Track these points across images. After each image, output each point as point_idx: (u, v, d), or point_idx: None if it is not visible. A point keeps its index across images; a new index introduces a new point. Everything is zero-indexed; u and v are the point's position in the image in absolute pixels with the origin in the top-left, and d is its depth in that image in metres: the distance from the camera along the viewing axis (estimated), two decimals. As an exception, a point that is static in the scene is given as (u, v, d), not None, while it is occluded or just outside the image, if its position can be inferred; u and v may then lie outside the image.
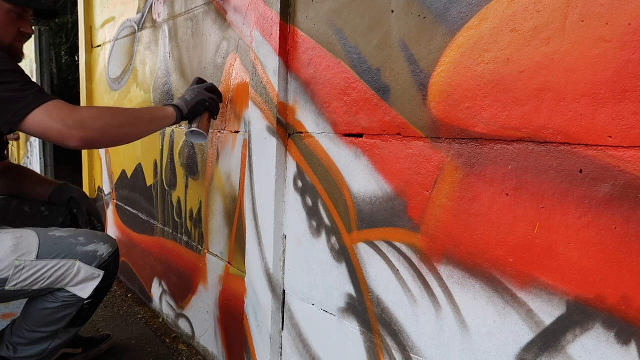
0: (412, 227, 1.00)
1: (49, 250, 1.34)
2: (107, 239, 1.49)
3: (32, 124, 1.20)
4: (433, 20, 0.92)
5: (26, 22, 1.41)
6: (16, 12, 1.36)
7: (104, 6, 2.71)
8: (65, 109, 1.22)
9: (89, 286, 1.40)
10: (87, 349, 1.86)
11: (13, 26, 1.37)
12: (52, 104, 1.21)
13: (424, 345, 1.00)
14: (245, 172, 1.46)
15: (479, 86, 0.86)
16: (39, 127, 1.20)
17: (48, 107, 1.20)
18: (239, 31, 1.53)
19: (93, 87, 2.96)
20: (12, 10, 1.35)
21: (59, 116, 1.20)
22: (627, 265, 0.69)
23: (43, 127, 1.20)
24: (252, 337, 1.46)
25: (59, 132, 1.20)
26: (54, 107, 1.21)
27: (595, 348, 0.73)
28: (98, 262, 1.41)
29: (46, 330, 1.41)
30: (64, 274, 1.35)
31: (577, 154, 0.74)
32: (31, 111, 1.19)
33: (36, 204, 1.69)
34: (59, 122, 1.19)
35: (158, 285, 2.22)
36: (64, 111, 1.21)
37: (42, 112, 1.19)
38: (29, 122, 1.19)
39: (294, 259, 1.34)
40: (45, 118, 1.19)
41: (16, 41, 1.40)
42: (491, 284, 0.86)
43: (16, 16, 1.37)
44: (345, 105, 1.13)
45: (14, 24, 1.37)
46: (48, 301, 1.38)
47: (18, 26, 1.38)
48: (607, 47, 0.69)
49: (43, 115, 1.19)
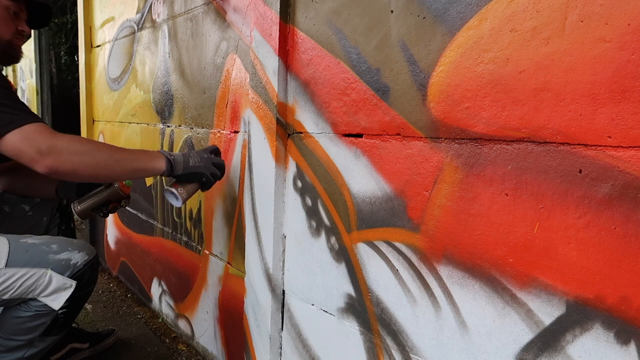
0: (411, 227, 1.00)
1: (19, 258, 1.29)
2: (83, 246, 1.43)
3: (6, 145, 1.15)
4: (432, 20, 0.92)
5: (22, 22, 1.41)
6: (14, 9, 1.36)
7: (104, 6, 2.71)
8: (43, 134, 1.17)
9: (61, 296, 1.34)
10: (94, 344, 1.87)
11: (12, 23, 1.36)
12: (32, 127, 1.16)
13: (423, 345, 1.00)
14: (245, 172, 1.46)
15: (479, 86, 0.86)
16: (12, 148, 1.16)
17: (27, 129, 1.16)
18: (238, 31, 1.53)
19: (92, 87, 2.96)
20: (9, 7, 1.34)
21: (34, 141, 1.15)
22: (626, 265, 0.69)
23: (17, 148, 1.15)
24: (252, 337, 1.46)
25: (30, 157, 1.15)
26: (33, 130, 1.16)
27: (594, 348, 0.73)
28: (71, 271, 1.35)
29: (21, 339, 1.37)
30: (34, 283, 1.30)
31: (576, 154, 0.74)
32: (8, 132, 1.14)
33: (19, 202, 1.65)
34: (32, 147, 1.14)
35: (157, 285, 2.22)
36: (42, 136, 1.16)
37: (19, 134, 1.15)
38: (4, 142, 1.15)
39: (293, 259, 1.34)
40: (21, 140, 1.15)
41: (15, 38, 1.39)
42: (491, 284, 0.86)
43: (14, 13, 1.36)
44: (345, 105, 1.13)
45: (13, 21, 1.36)
46: (21, 309, 1.34)
47: (16, 24, 1.38)
48: (607, 47, 0.69)
49: (19, 138, 1.15)
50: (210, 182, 1.38)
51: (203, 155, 1.37)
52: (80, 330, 1.89)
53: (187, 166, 1.32)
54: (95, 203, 1.53)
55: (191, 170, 1.33)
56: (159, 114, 2.12)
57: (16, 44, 1.41)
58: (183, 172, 1.32)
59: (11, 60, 1.44)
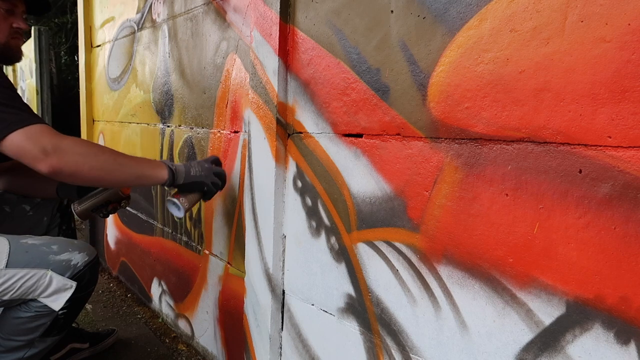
0: (411, 227, 1.00)
1: (19, 259, 1.29)
2: (84, 247, 1.43)
3: (9, 145, 1.15)
4: (432, 20, 0.92)
5: (18, 18, 1.36)
6: (4, 7, 1.32)
7: (104, 6, 2.71)
8: (47, 135, 1.17)
9: (61, 297, 1.34)
10: (94, 344, 1.87)
11: (4, 22, 1.33)
12: (36, 128, 1.16)
13: (423, 345, 1.00)
14: (245, 172, 1.46)
15: (479, 86, 0.86)
16: (16, 148, 1.15)
17: (31, 130, 1.15)
18: (238, 31, 1.53)
19: (92, 87, 2.96)
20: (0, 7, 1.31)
21: (39, 141, 1.15)
22: (626, 265, 0.69)
23: (20, 148, 1.15)
24: (252, 337, 1.46)
25: (33, 156, 1.14)
26: (38, 130, 1.16)
27: (594, 348, 0.73)
28: (72, 272, 1.35)
29: (21, 339, 1.37)
30: (34, 284, 1.30)
31: (576, 154, 0.74)
32: (12, 132, 1.14)
33: (20, 202, 1.65)
34: (37, 146, 1.14)
35: (157, 285, 2.22)
36: (47, 137, 1.16)
37: (23, 134, 1.14)
38: (7, 142, 1.14)
39: (293, 259, 1.34)
40: (25, 140, 1.14)
41: (11, 38, 1.36)
42: (490, 284, 0.86)
43: (5, 12, 1.32)
44: (345, 105, 1.13)
45: (5, 20, 1.33)
46: (21, 310, 1.34)
47: (9, 22, 1.34)
48: (607, 47, 0.69)
49: (23, 137, 1.14)
50: (211, 191, 1.38)
51: (204, 165, 1.37)
52: (80, 330, 1.89)
53: (189, 176, 1.32)
54: (95, 204, 1.53)
55: (192, 180, 1.33)
56: (159, 113, 2.12)
57: (13, 44, 1.38)
58: (184, 182, 1.32)
59: (11, 60, 1.42)
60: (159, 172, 1.29)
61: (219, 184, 1.39)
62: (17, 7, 1.37)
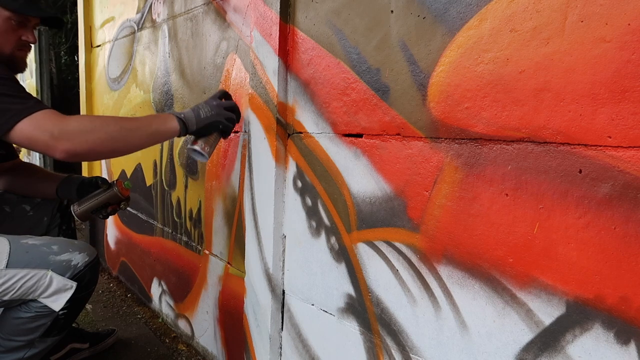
0: (411, 227, 1.00)
1: (19, 259, 1.29)
2: (84, 247, 1.43)
3: (19, 134, 1.15)
4: (432, 20, 0.92)
5: (28, 31, 1.36)
6: (16, 20, 1.31)
7: (104, 6, 2.71)
8: (52, 119, 1.16)
9: (62, 298, 1.34)
10: (94, 344, 1.87)
11: (13, 34, 1.32)
12: (40, 114, 1.16)
13: (423, 345, 1.00)
14: (245, 172, 1.46)
15: (479, 86, 0.86)
16: (25, 137, 1.15)
17: (36, 117, 1.15)
18: (238, 31, 1.53)
19: (92, 87, 2.96)
20: (11, 18, 1.30)
21: (45, 126, 1.15)
22: (626, 265, 0.69)
23: (29, 137, 1.15)
24: (252, 337, 1.46)
25: (44, 143, 1.14)
26: (42, 117, 1.16)
27: (594, 348, 0.73)
28: (72, 272, 1.35)
29: (21, 340, 1.37)
30: (35, 284, 1.30)
31: (576, 154, 0.74)
32: (18, 121, 1.14)
33: (20, 202, 1.64)
34: (45, 132, 1.14)
35: (157, 285, 2.22)
36: (52, 121, 1.16)
37: (29, 122, 1.15)
38: (16, 132, 1.15)
39: (293, 259, 1.34)
40: (32, 128, 1.14)
41: (17, 50, 1.35)
42: (491, 284, 0.86)
43: (16, 24, 1.31)
44: (345, 105, 1.13)
45: (14, 32, 1.32)
46: (22, 310, 1.34)
47: (19, 34, 1.33)
48: (607, 47, 0.69)
49: (30, 126, 1.14)
50: (228, 127, 1.34)
51: (212, 103, 1.33)
52: (80, 330, 1.89)
53: (200, 119, 1.29)
54: (94, 205, 1.53)
55: (205, 122, 1.29)
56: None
57: (18, 56, 1.37)
58: (197, 126, 1.29)
59: (14, 71, 1.38)
60: (169, 125, 1.26)
61: (233, 118, 1.34)
62: (30, 20, 1.36)
